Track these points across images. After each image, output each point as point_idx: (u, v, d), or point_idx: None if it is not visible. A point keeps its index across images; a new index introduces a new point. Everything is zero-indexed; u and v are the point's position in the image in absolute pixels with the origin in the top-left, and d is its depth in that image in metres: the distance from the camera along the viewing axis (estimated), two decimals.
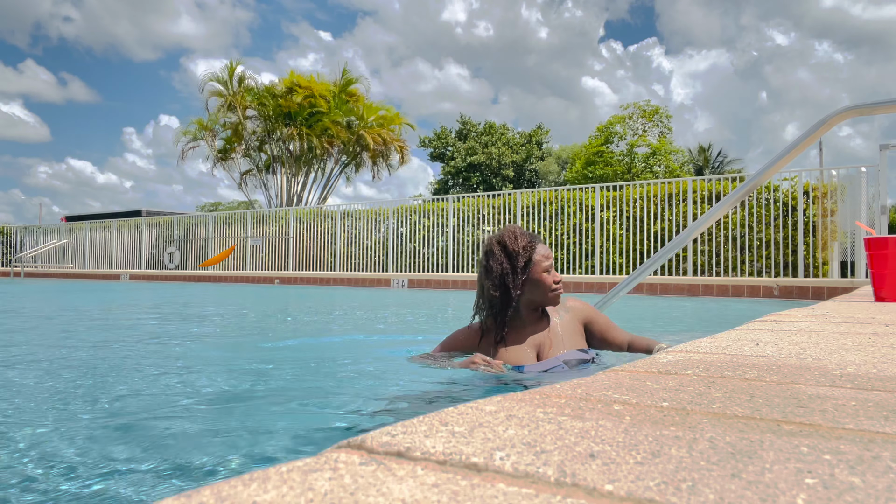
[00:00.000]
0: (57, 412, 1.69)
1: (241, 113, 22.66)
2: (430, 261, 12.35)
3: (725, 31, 72.77)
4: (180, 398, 1.88)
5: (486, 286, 2.07)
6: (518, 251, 2.06)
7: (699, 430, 0.60)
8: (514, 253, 2.06)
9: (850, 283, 7.03)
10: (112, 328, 4.24)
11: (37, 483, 1.12)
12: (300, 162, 23.14)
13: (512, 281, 2.04)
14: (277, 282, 12.35)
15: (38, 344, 3.36)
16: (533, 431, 0.58)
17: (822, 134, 3.03)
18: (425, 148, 37.26)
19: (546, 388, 0.81)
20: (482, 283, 2.10)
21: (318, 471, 0.46)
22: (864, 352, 1.21)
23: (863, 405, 0.73)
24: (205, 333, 4.00)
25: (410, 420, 0.61)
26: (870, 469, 0.49)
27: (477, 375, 1.90)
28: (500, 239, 2.10)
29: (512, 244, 2.07)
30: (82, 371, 2.37)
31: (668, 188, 10.08)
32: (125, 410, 1.71)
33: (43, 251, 18.53)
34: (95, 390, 2.00)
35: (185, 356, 2.87)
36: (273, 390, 2.01)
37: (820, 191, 8.67)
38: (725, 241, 9.36)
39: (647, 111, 27.57)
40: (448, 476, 0.46)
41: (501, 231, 2.14)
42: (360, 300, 7.43)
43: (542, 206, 11.24)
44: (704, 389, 0.82)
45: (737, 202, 3.23)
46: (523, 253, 2.06)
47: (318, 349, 3.23)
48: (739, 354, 1.16)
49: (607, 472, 0.47)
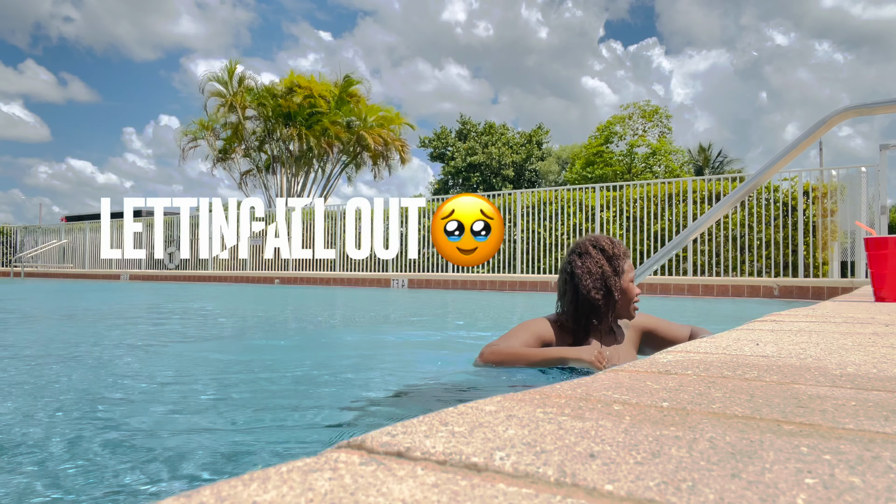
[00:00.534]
0: (56, 412, 1.69)
1: (241, 113, 22.66)
2: (431, 261, 12.35)
3: (725, 32, 72.76)
4: (180, 398, 1.88)
5: (582, 287, 2.01)
6: (618, 255, 2.04)
7: (699, 430, 0.60)
8: (613, 256, 2.04)
9: (850, 283, 7.03)
10: (112, 328, 4.24)
11: (36, 483, 1.12)
12: (300, 162, 23.14)
13: (614, 284, 2.01)
14: (277, 282, 12.35)
15: (38, 344, 3.36)
16: (533, 431, 0.58)
17: (822, 134, 3.03)
18: (425, 148, 37.27)
19: (546, 388, 0.81)
20: (577, 284, 2.03)
21: (318, 471, 0.46)
22: (864, 352, 1.21)
23: (863, 405, 0.73)
24: (205, 333, 4.00)
25: (410, 420, 0.61)
26: (870, 469, 0.49)
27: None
28: (595, 242, 2.07)
29: (609, 247, 2.05)
30: (81, 371, 2.37)
31: (668, 188, 10.08)
32: (125, 410, 1.71)
33: (43, 251, 18.53)
34: (94, 390, 2.00)
35: (185, 356, 2.87)
36: (273, 390, 2.00)
37: (820, 191, 8.66)
38: (725, 241, 9.36)
39: (646, 111, 27.57)
40: (448, 476, 0.46)
41: (591, 236, 2.12)
42: (360, 300, 7.43)
43: (542, 206, 11.24)
44: (704, 389, 0.82)
45: (737, 202, 3.23)
46: (622, 258, 2.05)
47: (317, 349, 3.23)
48: (739, 354, 1.16)
49: (607, 472, 0.47)
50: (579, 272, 2.04)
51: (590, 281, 2.01)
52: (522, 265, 11.28)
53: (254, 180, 24.14)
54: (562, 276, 2.12)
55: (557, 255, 11.00)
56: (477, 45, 74.07)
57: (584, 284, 2.02)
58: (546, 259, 11.10)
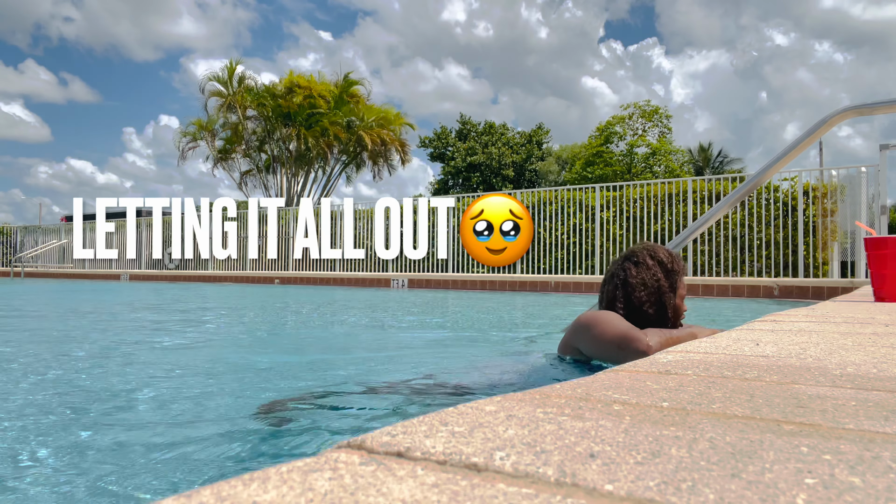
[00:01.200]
0: (55, 413, 1.69)
1: (241, 113, 22.66)
2: (431, 261, 12.35)
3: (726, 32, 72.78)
4: (179, 398, 1.88)
5: (634, 298, 1.90)
6: (677, 270, 1.94)
7: (699, 430, 0.60)
8: (671, 271, 1.93)
9: (850, 283, 7.03)
10: (112, 328, 4.24)
11: (35, 484, 1.12)
12: (300, 162, 23.14)
13: (668, 300, 1.90)
14: (277, 282, 12.35)
15: (37, 344, 3.36)
16: (533, 431, 0.58)
17: (822, 134, 3.03)
18: (425, 148, 37.25)
19: (546, 388, 0.81)
20: (629, 293, 1.91)
21: (318, 471, 0.46)
22: (864, 352, 1.21)
23: (863, 405, 0.73)
24: (205, 333, 4.00)
25: (410, 420, 0.61)
26: (870, 469, 0.49)
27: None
28: (653, 253, 1.95)
29: (668, 261, 1.93)
30: (81, 371, 2.37)
31: (668, 188, 10.08)
32: (125, 410, 1.71)
33: (43, 251, 18.54)
34: (94, 390, 2.00)
35: (183, 356, 2.87)
36: (273, 390, 2.01)
37: (820, 191, 8.66)
38: (725, 241, 9.36)
39: (646, 111, 27.58)
40: (448, 476, 0.46)
41: (649, 245, 1.99)
42: (361, 300, 7.43)
43: (542, 206, 11.24)
44: (704, 389, 0.82)
45: (737, 202, 3.23)
46: (680, 274, 1.94)
47: (317, 349, 3.23)
48: (739, 354, 1.16)
49: (607, 472, 0.47)
50: (633, 282, 1.92)
51: (644, 293, 1.90)
52: (522, 265, 11.27)
53: (254, 180, 24.15)
54: (611, 282, 1.99)
55: (557, 255, 11.00)
56: (477, 45, 74.12)
57: (636, 296, 1.90)
58: (546, 259, 11.10)
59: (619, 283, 1.96)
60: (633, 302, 1.91)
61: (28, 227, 20.17)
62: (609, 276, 2.02)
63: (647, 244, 2.02)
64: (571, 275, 10.37)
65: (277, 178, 23.61)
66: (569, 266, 10.88)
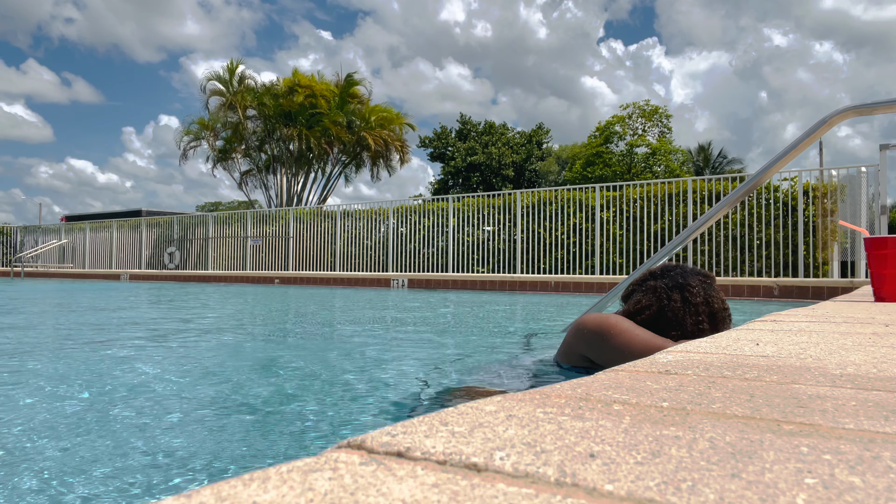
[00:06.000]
0: (55, 412, 1.69)
1: (242, 113, 22.66)
2: (431, 261, 12.35)
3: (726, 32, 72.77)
4: (179, 399, 1.88)
5: (667, 308, 1.92)
6: (718, 308, 1.95)
7: (699, 430, 0.60)
8: (716, 311, 1.95)
9: (850, 283, 7.03)
10: (113, 328, 4.24)
11: (35, 484, 1.12)
12: (300, 162, 23.15)
13: (692, 323, 1.91)
14: (277, 282, 12.35)
15: (37, 344, 3.36)
16: (533, 431, 0.58)
17: (822, 134, 3.03)
18: (425, 148, 37.26)
19: (546, 388, 0.81)
20: (663, 303, 1.94)
21: (318, 471, 0.46)
22: (864, 352, 1.21)
23: (863, 405, 0.73)
24: (205, 333, 4.00)
25: (410, 420, 0.61)
26: (870, 469, 0.49)
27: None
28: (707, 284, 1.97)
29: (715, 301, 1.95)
30: (80, 371, 2.37)
31: (667, 188, 10.08)
32: (124, 410, 1.71)
33: (43, 251, 18.54)
34: (94, 390, 2.00)
35: (184, 356, 2.87)
36: (273, 390, 2.01)
37: (820, 191, 8.67)
38: (725, 241, 9.36)
39: (646, 111, 27.59)
40: (448, 476, 0.46)
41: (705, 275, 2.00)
42: (361, 300, 7.43)
43: (542, 206, 11.24)
44: (704, 389, 0.82)
45: (737, 202, 3.23)
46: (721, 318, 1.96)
47: (317, 349, 3.23)
48: (739, 354, 1.16)
49: (607, 472, 0.47)
50: (679, 297, 1.94)
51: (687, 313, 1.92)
52: (522, 265, 11.27)
53: (254, 180, 24.15)
54: (651, 294, 1.99)
55: (557, 255, 11.00)
56: (477, 45, 74.15)
57: (669, 307, 1.93)
58: (546, 259, 11.10)
59: (650, 292, 1.98)
60: (666, 311, 1.93)
61: (28, 226, 20.18)
62: (649, 289, 2.01)
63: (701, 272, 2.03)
64: (571, 275, 10.37)
65: (277, 178, 23.61)
66: (569, 266, 10.88)
